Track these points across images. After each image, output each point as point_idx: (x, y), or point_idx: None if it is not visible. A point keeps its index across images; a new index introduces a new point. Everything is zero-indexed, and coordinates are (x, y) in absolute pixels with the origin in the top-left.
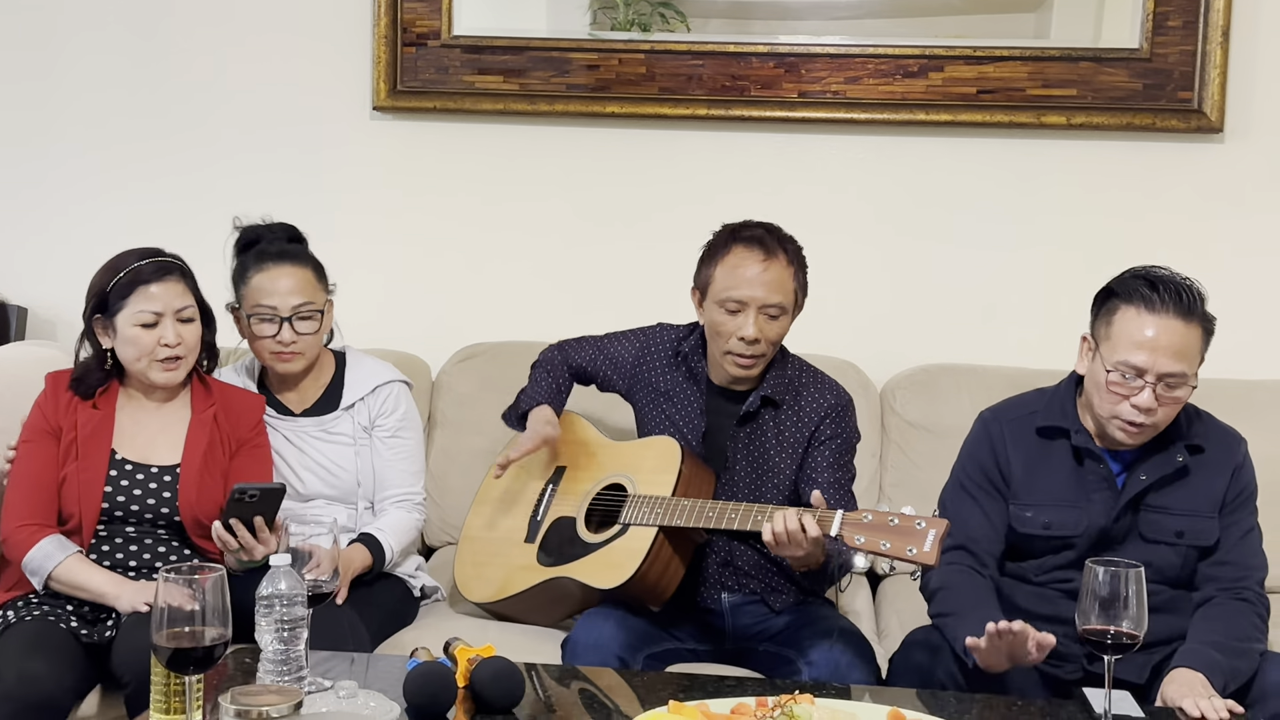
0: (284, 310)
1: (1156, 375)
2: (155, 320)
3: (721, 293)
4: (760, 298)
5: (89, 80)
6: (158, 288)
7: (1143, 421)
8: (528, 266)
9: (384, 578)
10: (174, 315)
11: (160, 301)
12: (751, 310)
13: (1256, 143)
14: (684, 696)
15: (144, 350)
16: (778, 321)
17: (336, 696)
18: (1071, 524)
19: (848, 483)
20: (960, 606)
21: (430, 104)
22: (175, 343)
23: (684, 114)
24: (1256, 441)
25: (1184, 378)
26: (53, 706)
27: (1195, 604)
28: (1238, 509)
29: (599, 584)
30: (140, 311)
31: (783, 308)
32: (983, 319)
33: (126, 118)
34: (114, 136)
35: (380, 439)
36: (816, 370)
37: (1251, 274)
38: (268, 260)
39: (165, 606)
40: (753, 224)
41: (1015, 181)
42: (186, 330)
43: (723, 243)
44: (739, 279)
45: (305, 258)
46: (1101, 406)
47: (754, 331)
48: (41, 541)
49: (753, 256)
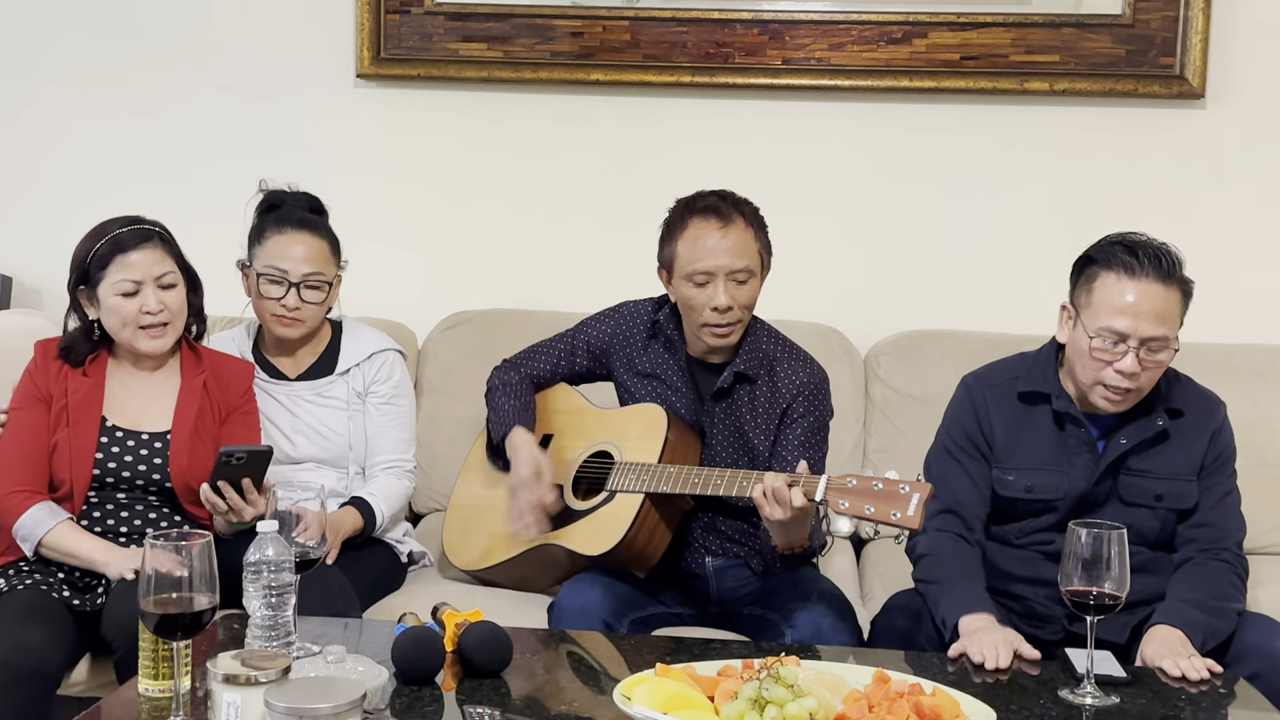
0: (294, 276)
1: (1139, 340)
2: (135, 289)
3: (687, 267)
4: (726, 265)
5: (72, 50)
6: (136, 255)
7: (1127, 386)
8: (513, 234)
9: (372, 543)
10: (154, 282)
11: (139, 269)
12: (719, 279)
13: (1238, 108)
14: (670, 660)
15: (127, 319)
16: (747, 286)
17: (325, 661)
18: (1053, 487)
19: (820, 461)
20: (945, 576)
21: (414, 71)
22: (157, 309)
23: (668, 81)
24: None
25: (1166, 341)
26: (46, 675)
27: (1174, 565)
28: (1216, 472)
29: (586, 550)
30: (120, 280)
31: (749, 270)
32: (966, 284)
33: (109, 87)
34: (96, 106)
35: (374, 405)
36: (790, 343)
37: (1232, 239)
38: (288, 225)
39: (153, 573)
40: (705, 194)
41: (998, 148)
42: (169, 296)
43: (679, 217)
44: (701, 250)
45: (324, 229)
46: (1084, 374)
47: (726, 300)
48: (32, 508)
49: (710, 226)
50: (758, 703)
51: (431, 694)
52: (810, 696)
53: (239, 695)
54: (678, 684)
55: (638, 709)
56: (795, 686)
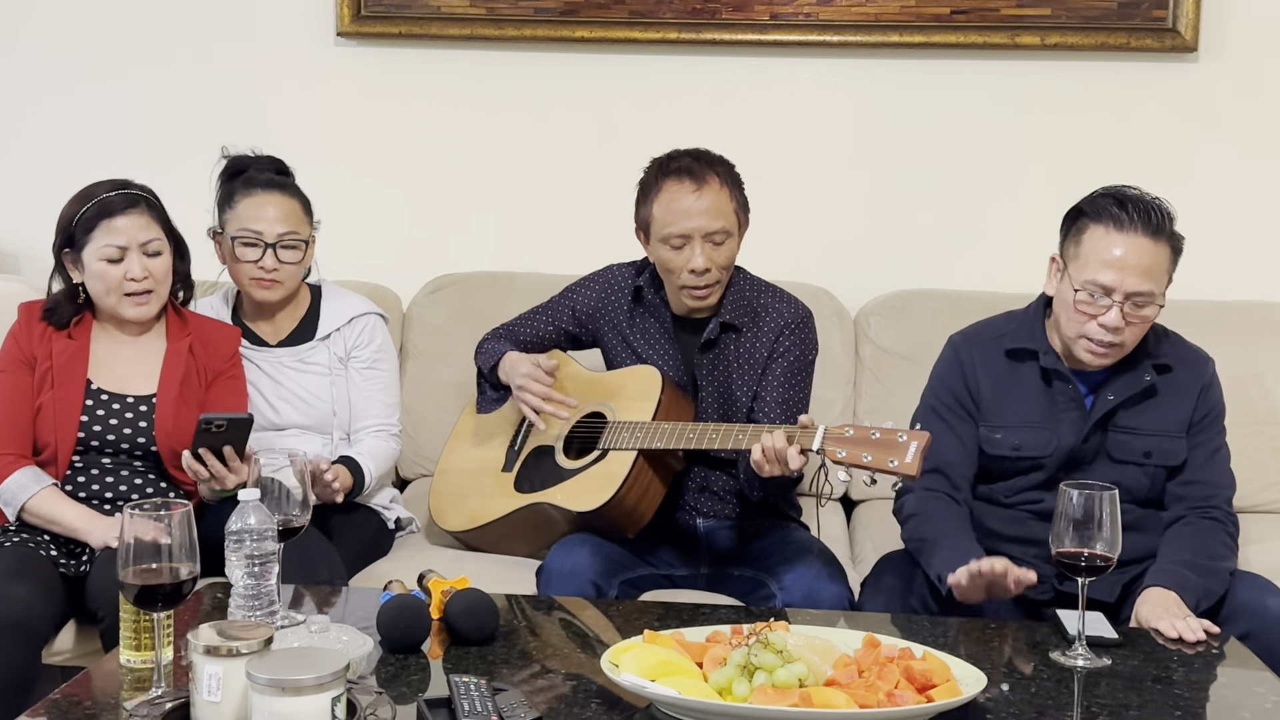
0: (269, 236)
1: (1124, 294)
2: (120, 254)
3: (663, 229)
4: (701, 227)
5: (45, 11)
6: (123, 220)
7: (1110, 341)
8: (497, 194)
9: (359, 509)
10: (140, 248)
11: (125, 235)
12: (695, 241)
13: (1231, 62)
14: (659, 625)
15: (111, 285)
16: (724, 246)
17: (309, 631)
18: (1040, 445)
19: (798, 401)
20: (935, 534)
21: (395, 29)
22: (142, 276)
23: (655, 38)
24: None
25: (1151, 296)
26: (32, 629)
27: (1165, 523)
28: (1205, 429)
29: (577, 506)
30: (105, 246)
31: (726, 231)
32: (956, 243)
33: (88, 47)
34: (75, 67)
35: (356, 370)
36: (774, 287)
37: (1225, 194)
38: (257, 187)
39: (132, 542)
40: (679, 154)
41: (989, 103)
42: (154, 264)
43: (653, 179)
44: (676, 213)
45: (293, 189)
46: (1069, 326)
47: (703, 262)
48: (16, 473)
49: (684, 188)
50: (746, 669)
51: (417, 663)
52: (799, 662)
53: (220, 667)
54: (666, 650)
55: (626, 676)
56: (784, 652)
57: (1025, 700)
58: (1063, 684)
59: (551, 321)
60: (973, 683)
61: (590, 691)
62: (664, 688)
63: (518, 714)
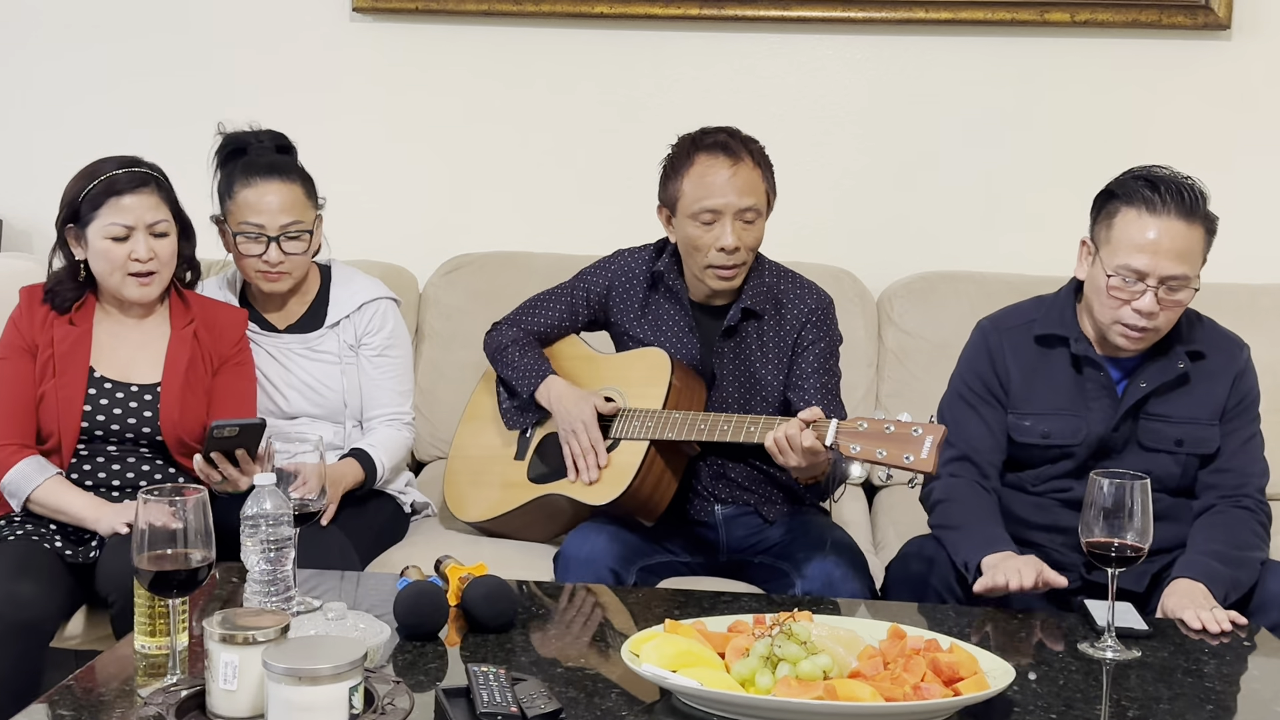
0: (271, 229)
1: (1158, 278)
2: (126, 234)
3: (693, 205)
4: (734, 204)
5: None
6: (130, 199)
7: (1145, 326)
8: (515, 173)
9: (375, 495)
10: (146, 229)
11: (132, 214)
12: (727, 218)
13: (1265, 40)
14: (679, 614)
15: (115, 264)
16: (754, 226)
17: (325, 618)
18: (1070, 432)
19: (835, 387)
20: (963, 520)
21: (411, 5)
22: (147, 258)
23: (674, 14)
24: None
25: (1186, 280)
26: (39, 628)
27: (1195, 512)
28: (1238, 416)
29: (590, 500)
30: (111, 224)
31: (757, 210)
32: (983, 224)
33: (101, 23)
34: (89, 44)
35: (367, 357)
36: (794, 274)
37: (1259, 175)
38: (255, 174)
39: (146, 528)
40: (712, 129)
41: (1017, 81)
42: (160, 245)
43: (685, 154)
44: (709, 188)
45: (294, 171)
46: (1102, 312)
47: (733, 240)
48: (20, 463)
49: (719, 163)
50: (770, 660)
51: (435, 651)
52: (824, 653)
53: (236, 655)
54: (687, 640)
55: (647, 667)
56: (808, 643)
57: (1053, 693)
58: (1091, 676)
59: (565, 309)
60: (1000, 676)
61: (610, 682)
62: (685, 679)
63: (537, 705)
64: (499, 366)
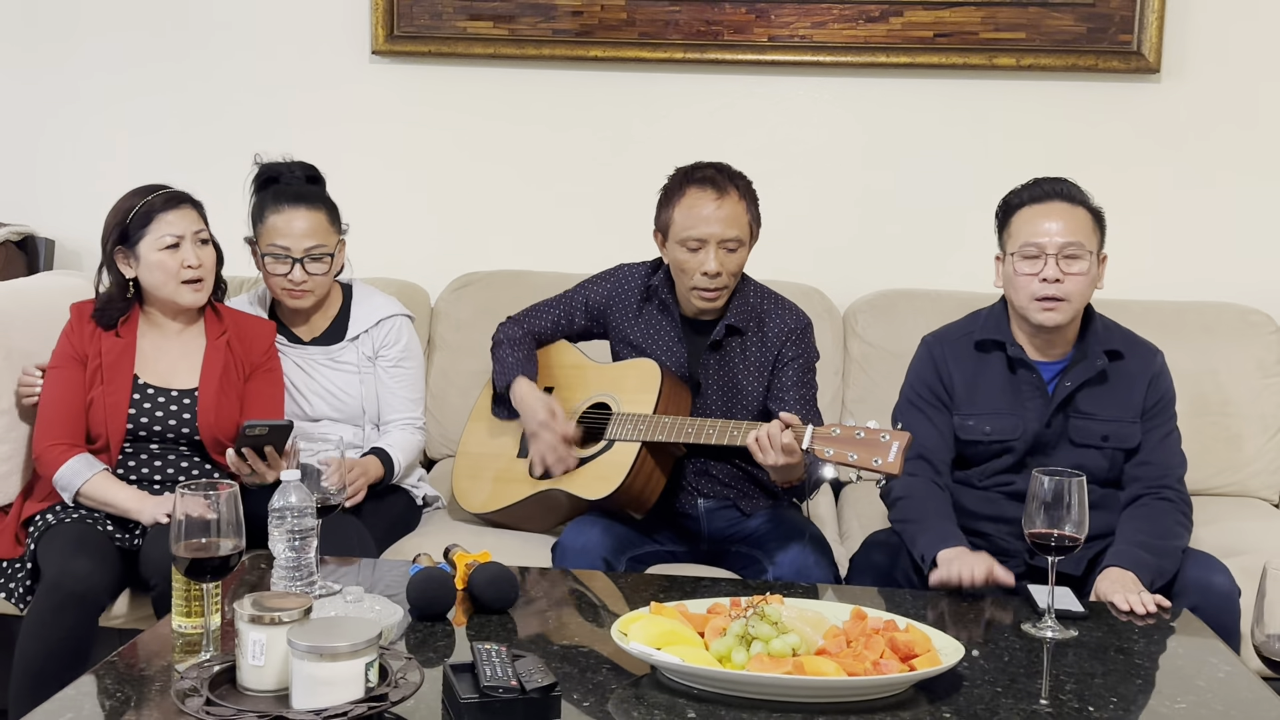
0: (296, 251)
1: (1056, 247)
2: (177, 242)
3: (681, 232)
4: (718, 234)
5: (111, 23)
6: (173, 215)
7: (1054, 295)
8: (518, 199)
9: (390, 488)
10: (193, 237)
11: (179, 226)
12: (711, 246)
13: (1190, 82)
14: (664, 597)
15: (170, 273)
16: (736, 254)
17: (344, 600)
18: (1009, 429)
19: (812, 398)
20: (920, 515)
21: (425, 48)
22: (197, 264)
23: (662, 57)
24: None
25: (1080, 247)
26: (92, 599)
27: (1123, 503)
28: (1157, 414)
29: (587, 495)
30: (162, 236)
31: (740, 240)
32: (939, 247)
33: (146, 60)
34: (135, 78)
35: (383, 368)
36: (776, 295)
37: (1185, 205)
38: (284, 201)
39: (183, 519)
40: (704, 165)
41: (969, 120)
42: (204, 253)
43: (677, 186)
44: (696, 218)
45: (320, 200)
46: (1019, 296)
47: (715, 266)
48: (71, 460)
49: (706, 196)
50: (744, 639)
51: (444, 630)
52: (793, 633)
53: (264, 634)
54: (670, 621)
55: (634, 645)
56: (779, 623)
57: (999, 668)
58: (1033, 653)
59: (565, 314)
60: (952, 653)
61: (601, 658)
62: (669, 655)
63: (535, 679)
64: (493, 359)
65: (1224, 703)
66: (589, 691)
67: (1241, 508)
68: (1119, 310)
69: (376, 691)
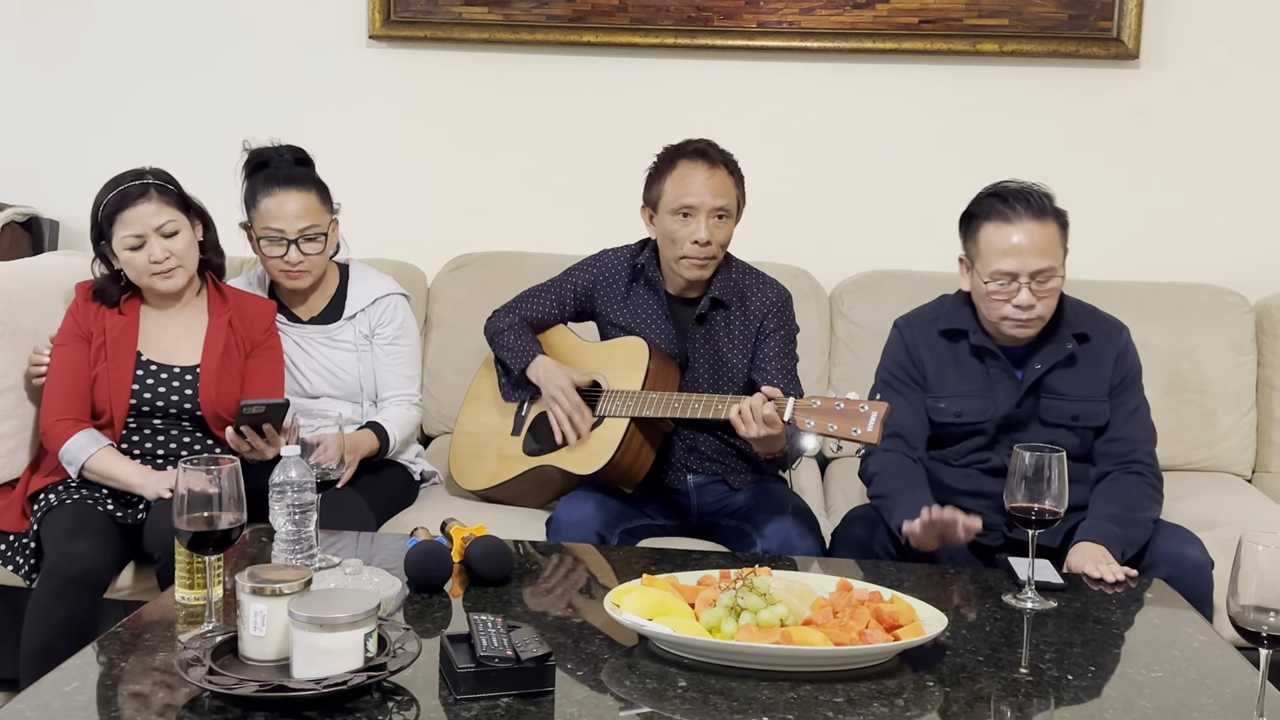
0: (290, 233)
1: (1028, 274)
2: (140, 242)
3: (673, 202)
4: (709, 202)
5: (113, 6)
6: (132, 212)
7: (1027, 316)
8: (512, 182)
9: (388, 464)
10: (156, 233)
11: (139, 224)
12: (702, 214)
13: (1168, 68)
14: (655, 570)
15: (140, 270)
16: (724, 224)
17: (344, 573)
18: (979, 411)
19: (793, 369)
20: (895, 489)
21: (422, 33)
22: (163, 257)
23: (653, 43)
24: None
25: (1052, 270)
26: (93, 580)
27: (1094, 478)
28: (1124, 390)
29: (578, 470)
30: (125, 237)
31: (728, 211)
32: (922, 229)
33: (148, 43)
34: (137, 61)
35: (380, 346)
36: (757, 271)
37: (1161, 187)
38: (275, 185)
39: (185, 493)
40: (694, 140)
41: (952, 104)
42: (173, 243)
43: (668, 159)
44: (688, 187)
45: (310, 181)
46: (989, 313)
47: (706, 234)
48: (76, 435)
49: (698, 167)
50: (734, 610)
51: (441, 602)
52: (781, 604)
53: (265, 605)
54: (662, 592)
55: (626, 615)
56: (767, 595)
57: (981, 638)
58: (1014, 623)
59: (554, 301)
60: (935, 623)
61: (594, 629)
62: (660, 626)
63: (530, 649)
64: (497, 348)
65: (1198, 671)
66: (582, 661)
67: (1215, 483)
68: (1098, 291)
69: (375, 661)
